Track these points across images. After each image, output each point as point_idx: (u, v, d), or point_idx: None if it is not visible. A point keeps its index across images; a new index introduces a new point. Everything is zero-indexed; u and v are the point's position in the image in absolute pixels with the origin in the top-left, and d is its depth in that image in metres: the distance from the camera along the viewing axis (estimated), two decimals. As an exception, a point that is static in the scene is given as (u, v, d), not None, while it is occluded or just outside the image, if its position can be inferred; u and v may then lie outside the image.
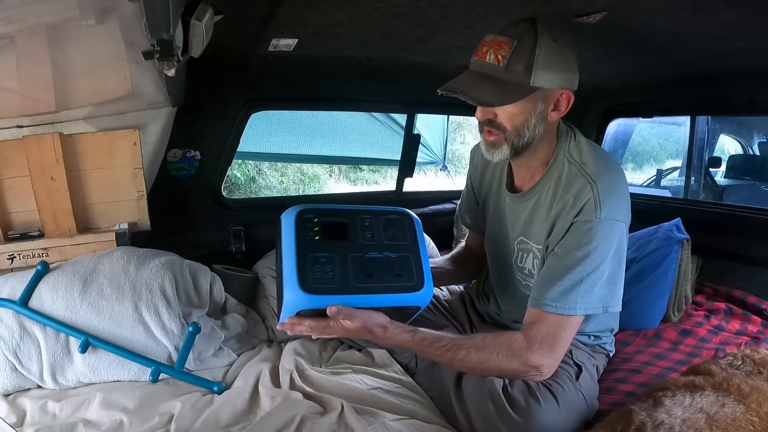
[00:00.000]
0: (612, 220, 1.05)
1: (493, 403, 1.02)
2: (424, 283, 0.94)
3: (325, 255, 0.90)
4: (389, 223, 0.94)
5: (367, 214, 0.95)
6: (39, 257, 1.43)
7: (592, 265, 1.04)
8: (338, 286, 0.89)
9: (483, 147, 1.15)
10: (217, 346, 1.39)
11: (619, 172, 1.13)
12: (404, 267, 0.94)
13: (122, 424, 1.10)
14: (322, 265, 0.90)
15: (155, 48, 0.79)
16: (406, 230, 0.95)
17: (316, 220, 0.92)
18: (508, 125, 1.09)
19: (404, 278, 0.93)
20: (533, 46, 1.03)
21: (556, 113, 1.11)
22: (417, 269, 0.94)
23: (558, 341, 1.05)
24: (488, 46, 1.06)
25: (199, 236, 1.85)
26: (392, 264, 0.93)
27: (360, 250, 0.92)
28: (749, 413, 0.84)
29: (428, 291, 0.95)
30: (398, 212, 0.96)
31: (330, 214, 0.94)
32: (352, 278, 0.90)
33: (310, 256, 0.90)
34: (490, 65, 1.05)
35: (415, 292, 0.94)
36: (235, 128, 1.84)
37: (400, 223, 0.95)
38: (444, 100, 1.19)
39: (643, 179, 5.26)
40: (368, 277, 0.91)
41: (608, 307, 1.07)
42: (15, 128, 1.46)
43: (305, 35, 1.44)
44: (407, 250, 0.95)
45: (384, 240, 0.94)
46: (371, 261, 0.92)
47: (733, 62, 1.60)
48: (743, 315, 1.67)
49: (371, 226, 0.94)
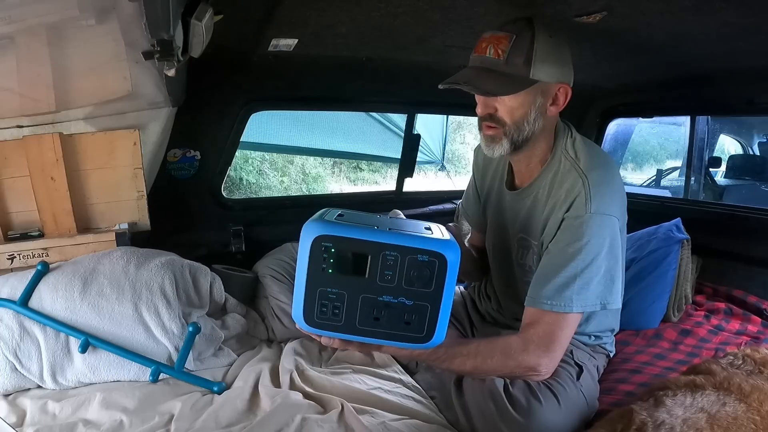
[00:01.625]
0: (603, 215, 1.05)
1: (494, 403, 1.02)
2: (434, 335, 0.85)
3: (335, 292, 0.83)
4: (416, 266, 0.81)
5: (393, 251, 0.81)
6: (39, 257, 1.43)
7: (585, 260, 1.04)
8: (341, 325, 0.84)
9: (483, 143, 1.15)
10: (217, 346, 1.39)
11: (612, 167, 1.14)
12: (417, 317, 0.84)
13: (122, 424, 1.10)
14: (330, 301, 0.83)
15: (155, 48, 0.80)
16: (434, 276, 0.82)
17: (333, 250, 0.81)
18: (508, 119, 1.09)
19: (413, 328, 0.84)
20: (531, 40, 1.05)
21: (555, 107, 1.12)
22: (431, 321, 0.84)
23: (555, 340, 1.05)
24: (487, 41, 1.08)
25: (199, 236, 1.85)
26: (405, 311, 0.84)
27: (374, 291, 0.83)
28: (750, 412, 0.84)
29: (435, 342, 0.86)
30: (434, 253, 0.81)
31: (351, 244, 0.82)
32: (358, 320, 0.84)
33: (319, 291, 0.83)
34: (491, 59, 1.06)
35: (420, 344, 0.86)
36: (235, 128, 1.84)
37: (431, 267, 0.81)
38: (444, 100, 1.20)
39: (643, 179, 5.26)
40: (374, 321, 0.84)
41: (606, 304, 1.07)
42: (15, 128, 1.46)
43: (305, 35, 1.44)
44: (427, 298, 0.83)
45: (404, 284, 0.82)
46: (382, 305, 0.84)
47: (733, 62, 1.60)
48: (743, 315, 1.67)
49: (394, 266, 0.82)
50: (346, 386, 1.20)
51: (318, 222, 0.83)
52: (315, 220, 0.84)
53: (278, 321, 1.53)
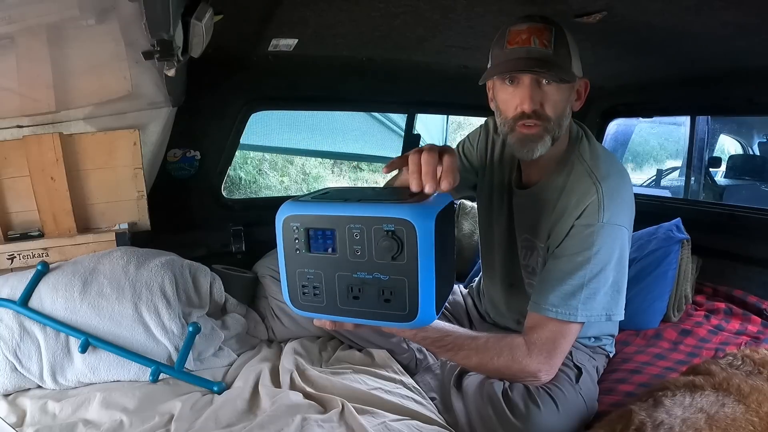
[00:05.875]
0: (614, 225, 1.02)
1: (493, 408, 1.01)
2: (419, 312, 0.77)
3: (312, 273, 0.80)
4: (383, 237, 0.74)
5: (357, 223, 0.75)
6: (39, 257, 1.43)
7: (593, 270, 1.01)
8: (324, 306, 0.81)
9: (517, 144, 1.07)
10: (217, 346, 1.39)
11: (626, 177, 1.11)
12: (395, 292, 0.77)
13: (122, 424, 1.10)
14: (309, 282, 0.80)
15: (155, 48, 0.80)
16: (404, 245, 0.73)
17: (302, 229, 0.78)
18: (553, 113, 1.04)
19: (394, 305, 0.78)
20: (564, 33, 1.03)
21: (578, 102, 1.11)
22: (411, 296, 0.76)
23: (557, 348, 1.03)
24: (527, 32, 1.02)
25: (199, 236, 1.85)
26: (382, 287, 0.77)
27: (347, 268, 0.78)
28: (749, 413, 0.84)
29: (423, 321, 0.78)
30: (399, 220, 0.73)
31: (316, 221, 0.78)
32: (339, 299, 0.80)
33: (297, 272, 0.80)
34: (539, 49, 1.01)
35: (406, 323, 0.79)
36: (235, 128, 1.84)
37: (399, 235, 0.73)
38: (444, 100, 1.19)
39: (643, 179, 5.26)
40: (354, 300, 0.79)
41: (612, 315, 1.04)
42: (15, 128, 1.46)
43: (305, 35, 1.44)
44: (403, 271, 0.75)
45: (375, 258, 0.75)
46: (359, 282, 0.78)
47: (733, 62, 1.60)
48: (743, 315, 1.68)
49: (361, 240, 0.75)
50: (346, 386, 1.19)
51: (288, 203, 0.81)
52: (287, 202, 0.81)
53: (278, 321, 1.53)
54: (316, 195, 0.84)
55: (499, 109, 1.10)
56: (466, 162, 1.34)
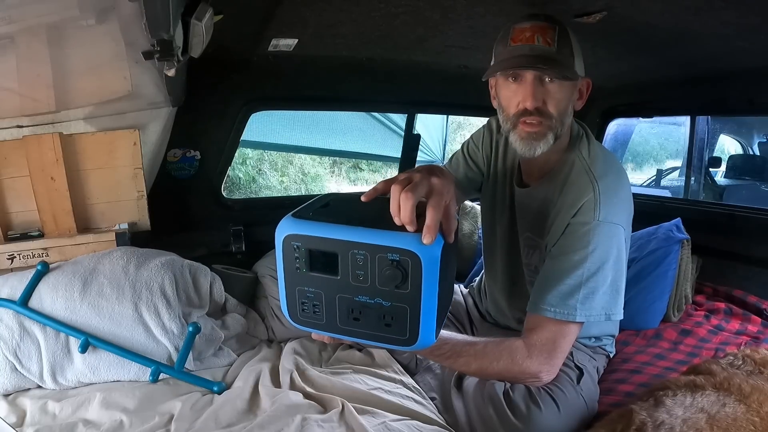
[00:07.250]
0: (611, 224, 1.02)
1: (494, 408, 1.01)
2: (419, 338, 0.77)
3: (312, 291, 0.80)
4: (387, 266, 0.74)
5: (361, 249, 0.75)
6: (39, 257, 1.43)
7: (590, 269, 1.00)
8: (324, 323, 0.81)
9: (520, 142, 1.07)
10: (217, 346, 1.39)
11: (624, 177, 1.11)
12: (396, 318, 0.77)
13: (122, 424, 1.10)
14: (309, 300, 0.80)
15: (155, 48, 0.80)
16: (408, 276, 0.73)
17: (303, 249, 0.78)
18: (555, 111, 1.04)
19: (394, 330, 0.78)
20: (567, 32, 1.04)
21: (580, 102, 1.11)
22: (412, 324, 0.76)
23: (557, 348, 1.03)
24: (531, 30, 1.03)
25: (199, 236, 1.85)
26: (383, 312, 0.77)
27: (349, 291, 0.78)
28: (750, 413, 0.83)
29: (423, 345, 0.78)
30: (405, 252, 0.73)
31: (319, 243, 0.77)
32: (339, 319, 0.80)
33: (298, 289, 0.80)
34: (542, 47, 1.01)
35: (405, 347, 0.79)
36: (235, 128, 1.84)
37: (404, 265, 0.73)
38: (444, 100, 1.19)
39: (643, 179, 5.27)
40: (355, 321, 0.79)
41: (611, 315, 1.04)
42: (15, 128, 1.46)
43: (305, 35, 1.44)
44: (405, 300, 0.75)
45: (378, 284, 0.75)
46: (360, 305, 0.78)
47: (733, 62, 1.60)
48: (743, 315, 1.67)
49: (364, 266, 0.75)
50: (346, 386, 1.19)
51: (289, 219, 0.80)
52: (288, 217, 0.80)
53: (278, 321, 1.53)
54: (317, 208, 0.84)
55: (501, 106, 1.10)
56: (471, 164, 1.34)
